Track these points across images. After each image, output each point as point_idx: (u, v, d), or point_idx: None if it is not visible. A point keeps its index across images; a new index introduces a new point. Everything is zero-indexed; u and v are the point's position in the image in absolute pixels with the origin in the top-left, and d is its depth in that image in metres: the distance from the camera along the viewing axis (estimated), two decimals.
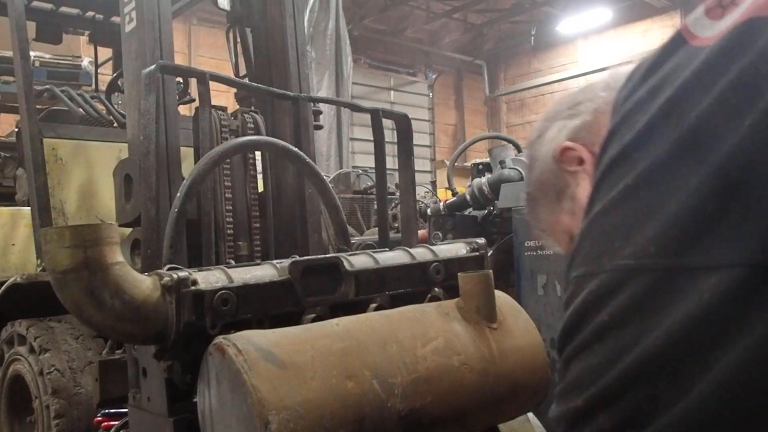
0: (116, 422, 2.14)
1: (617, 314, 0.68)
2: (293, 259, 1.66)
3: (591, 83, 1.10)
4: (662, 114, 0.70)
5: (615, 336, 0.67)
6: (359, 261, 1.76)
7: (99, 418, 2.28)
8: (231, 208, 2.27)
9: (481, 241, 2.00)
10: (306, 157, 2.04)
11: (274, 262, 1.68)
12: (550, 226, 1.12)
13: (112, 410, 2.21)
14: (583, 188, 1.01)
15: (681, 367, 0.63)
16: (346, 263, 1.72)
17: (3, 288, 2.78)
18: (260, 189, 2.45)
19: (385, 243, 2.18)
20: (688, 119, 0.67)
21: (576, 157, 1.02)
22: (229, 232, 2.26)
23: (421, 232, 3.94)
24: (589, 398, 0.69)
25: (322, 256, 2.04)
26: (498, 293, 1.65)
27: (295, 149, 2.02)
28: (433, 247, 1.92)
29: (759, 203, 0.61)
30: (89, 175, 3.20)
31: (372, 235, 4.87)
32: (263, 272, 1.60)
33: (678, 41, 0.75)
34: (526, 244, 3.29)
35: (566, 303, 0.77)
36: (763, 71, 0.63)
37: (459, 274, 1.66)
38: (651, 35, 14.01)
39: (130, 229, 2.27)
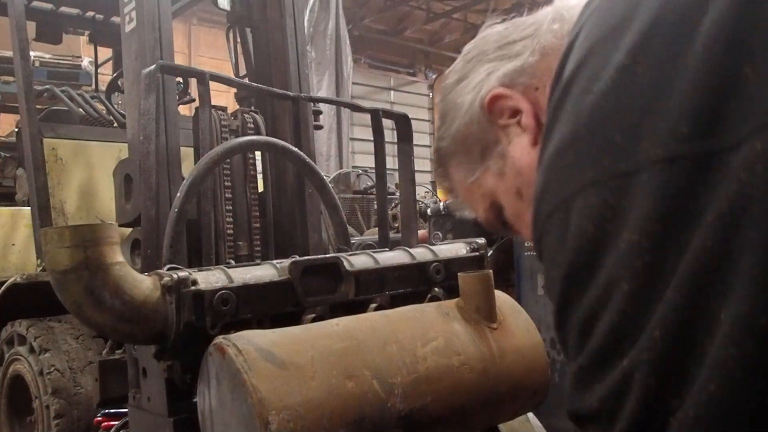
0: (116, 422, 2.14)
1: (648, 228, 0.52)
2: (293, 259, 1.66)
3: (525, 19, 0.90)
4: None
5: (653, 264, 0.51)
6: (359, 261, 1.76)
7: (99, 418, 2.28)
8: (231, 208, 2.27)
9: (481, 241, 2.00)
10: (306, 157, 2.04)
11: (274, 262, 1.68)
12: (466, 188, 0.93)
13: (112, 410, 2.22)
14: (517, 145, 0.83)
15: (737, 280, 0.48)
16: (346, 263, 1.72)
17: (3, 288, 2.78)
18: (260, 189, 2.45)
19: (385, 243, 2.18)
20: None
21: (510, 107, 0.83)
22: (229, 232, 2.26)
23: (421, 232, 3.94)
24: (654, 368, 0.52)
25: (322, 256, 2.04)
26: (498, 293, 1.65)
27: (295, 149, 2.02)
28: (433, 247, 1.92)
29: None
30: (89, 175, 3.19)
31: (372, 235, 4.87)
32: (263, 272, 1.60)
33: None
34: (526, 244, 3.30)
35: (555, 245, 0.59)
36: None
37: (459, 274, 1.66)
38: None
39: (130, 229, 2.27)
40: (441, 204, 4.17)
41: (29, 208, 3.01)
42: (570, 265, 0.58)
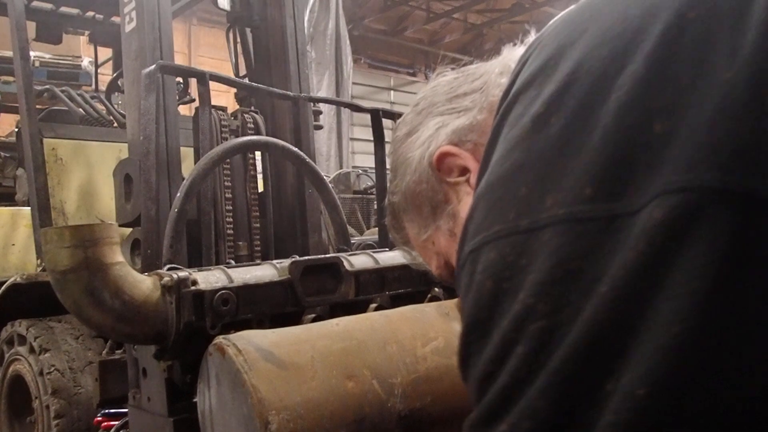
0: (116, 422, 2.14)
1: (544, 291, 0.49)
2: (293, 259, 1.66)
3: (476, 69, 0.88)
4: (579, 29, 0.56)
5: (547, 328, 0.49)
6: (359, 261, 1.76)
7: (99, 418, 2.28)
8: (231, 208, 2.27)
9: None
10: (306, 157, 2.03)
11: (274, 262, 1.68)
12: (420, 244, 0.91)
13: (112, 410, 2.21)
14: (466, 204, 0.79)
15: (622, 352, 0.47)
16: (346, 263, 1.72)
17: (3, 288, 2.78)
18: (260, 189, 2.45)
19: (385, 243, 2.17)
20: (611, 19, 0.53)
21: (458, 165, 0.81)
22: (229, 232, 2.26)
23: None
24: (515, 422, 0.50)
25: (322, 256, 2.04)
26: None
27: (295, 149, 2.02)
28: None
29: (708, 105, 0.47)
30: (89, 175, 3.19)
31: (372, 235, 4.87)
32: (263, 272, 1.60)
33: None
34: None
35: (463, 296, 0.58)
36: None
37: None
38: None
39: (130, 229, 2.27)
40: None
41: (29, 208, 3.01)
42: (468, 321, 0.56)
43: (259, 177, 2.47)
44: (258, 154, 2.46)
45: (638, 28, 0.51)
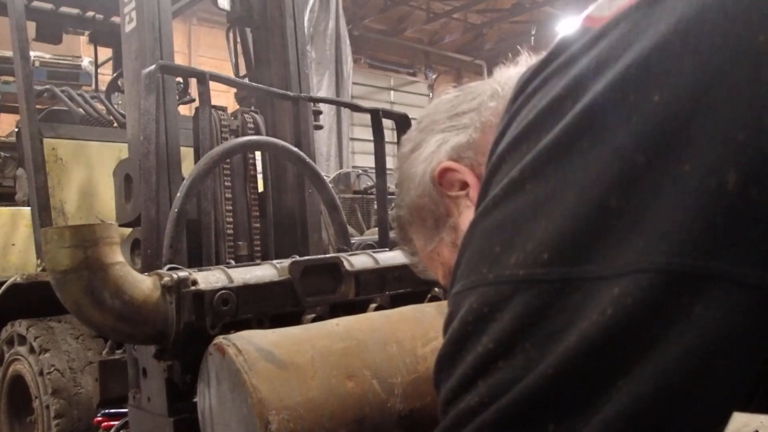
0: (116, 422, 2.14)
1: (503, 339, 0.55)
2: (293, 259, 1.66)
3: (475, 87, 0.93)
4: (558, 97, 0.59)
5: (502, 369, 0.54)
6: (359, 261, 1.77)
7: (99, 418, 2.28)
8: (231, 208, 2.27)
9: None
10: (306, 157, 2.03)
11: (274, 262, 1.68)
12: (426, 255, 0.96)
13: (112, 410, 2.22)
14: (466, 217, 0.85)
15: (573, 405, 0.51)
16: (346, 263, 1.72)
17: (3, 288, 2.78)
18: (260, 189, 2.45)
19: (385, 243, 2.17)
20: (585, 98, 0.56)
21: (458, 180, 0.86)
22: (229, 232, 2.26)
23: None
24: None
25: (322, 256, 2.04)
26: None
27: (295, 149, 2.02)
28: None
29: (666, 192, 0.50)
30: (89, 175, 3.19)
31: (372, 235, 4.87)
32: (263, 272, 1.60)
33: (578, 31, 0.63)
34: None
35: (444, 327, 0.64)
36: (676, 46, 0.52)
37: None
38: None
39: (130, 229, 2.27)
40: None
41: (29, 208, 3.01)
42: (440, 353, 0.62)
43: (259, 177, 2.47)
44: (258, 154, 2.46)
45: (608, 109, 0.54)
